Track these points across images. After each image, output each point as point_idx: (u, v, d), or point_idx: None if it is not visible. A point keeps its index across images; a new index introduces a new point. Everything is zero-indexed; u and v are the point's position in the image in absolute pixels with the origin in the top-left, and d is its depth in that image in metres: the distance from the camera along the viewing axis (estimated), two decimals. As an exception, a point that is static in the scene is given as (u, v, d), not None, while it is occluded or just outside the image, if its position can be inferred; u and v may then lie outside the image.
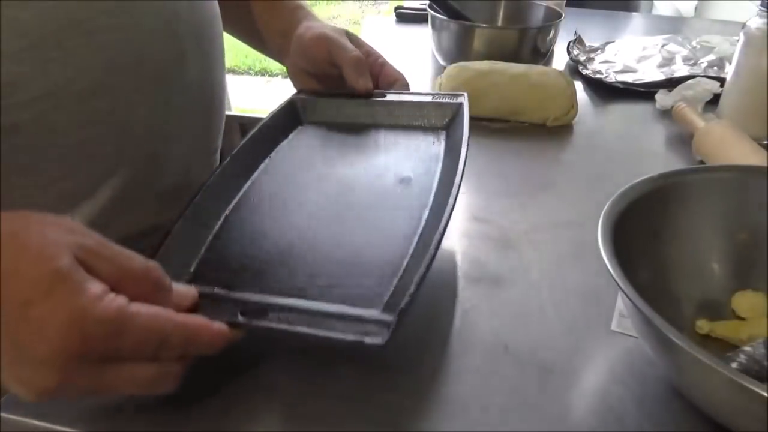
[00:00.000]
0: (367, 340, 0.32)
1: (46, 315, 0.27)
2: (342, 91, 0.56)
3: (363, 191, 0.46)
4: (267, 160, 0.50)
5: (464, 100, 0.52)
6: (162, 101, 0.47)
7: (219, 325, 0.33)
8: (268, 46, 0.68)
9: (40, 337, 0.27)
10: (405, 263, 0.39)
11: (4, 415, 0.34)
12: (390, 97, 0.55)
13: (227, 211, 0.45)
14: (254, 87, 3.28)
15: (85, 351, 0.28)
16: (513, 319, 0.42)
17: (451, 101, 0.53)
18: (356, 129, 0.54)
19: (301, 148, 0.52)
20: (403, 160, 0.49)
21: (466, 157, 0.44)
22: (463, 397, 0.36)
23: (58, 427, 0.34)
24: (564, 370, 0.38)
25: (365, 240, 0.41)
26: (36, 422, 0.34)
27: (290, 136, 0.54)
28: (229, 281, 0.39)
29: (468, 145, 0.46)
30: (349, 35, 0.59)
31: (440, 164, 0.48)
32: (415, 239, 0.41)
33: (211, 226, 0.43)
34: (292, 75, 0.63)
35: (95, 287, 0.29)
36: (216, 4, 0.55)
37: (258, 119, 0.53)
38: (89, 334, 0.28)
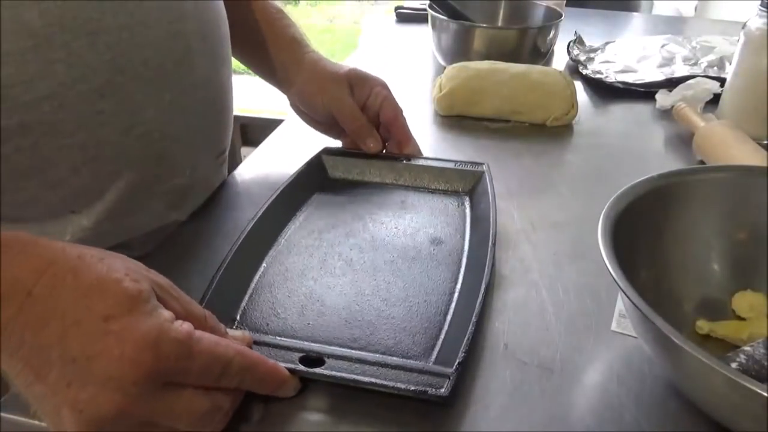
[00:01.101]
0: (431, 391, 0.33)
1: (125, 329, 0.28)
2: (365, 152, 0.59)
3: (396, 249, 0.48)
4: (297, 215, 0.52)
5: (486, 168, 0.55)
6: (168, 101, 0.47)
7: (274, 363, 0.34)
8: (273, 75, 0.66)
9: (116, 350, 0.28)
10: (448, 319, 0.40)
11: (4, 415, 0.34)
12: (414, 161, 0.58)
13: (264, 264, 0.46)
14: (254, 87, 3.28)
15: (156, 370, 0.28)
16: (513, 319, 0.42)
17: (473, 169, 0.56)
18: (381, 188, 0.57)
19: (329, 205, 0.54)
20: (430, 221, 0.51)
21: (496, 223, 0.47)
22: (463, 396, 0.36)
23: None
24: (564, 370, 0.38)
25: (405, 295, 0.43)
26: (36, 422, 0.34)
27: (317, 193, 0.55)
28: (275, 330, 0.40)
29: (496, 211, 0.49)
30: (351, 80, 0.59)
31: (468, 226, 0.51)
32: (456, 295, 0.43)
33: (250, 278, 0.44)
34: (295, 111, 0.64)
35: (168, 313, 0.31)
36: (222, 5, 0.55)
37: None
38: (163, 353, 0.29)
